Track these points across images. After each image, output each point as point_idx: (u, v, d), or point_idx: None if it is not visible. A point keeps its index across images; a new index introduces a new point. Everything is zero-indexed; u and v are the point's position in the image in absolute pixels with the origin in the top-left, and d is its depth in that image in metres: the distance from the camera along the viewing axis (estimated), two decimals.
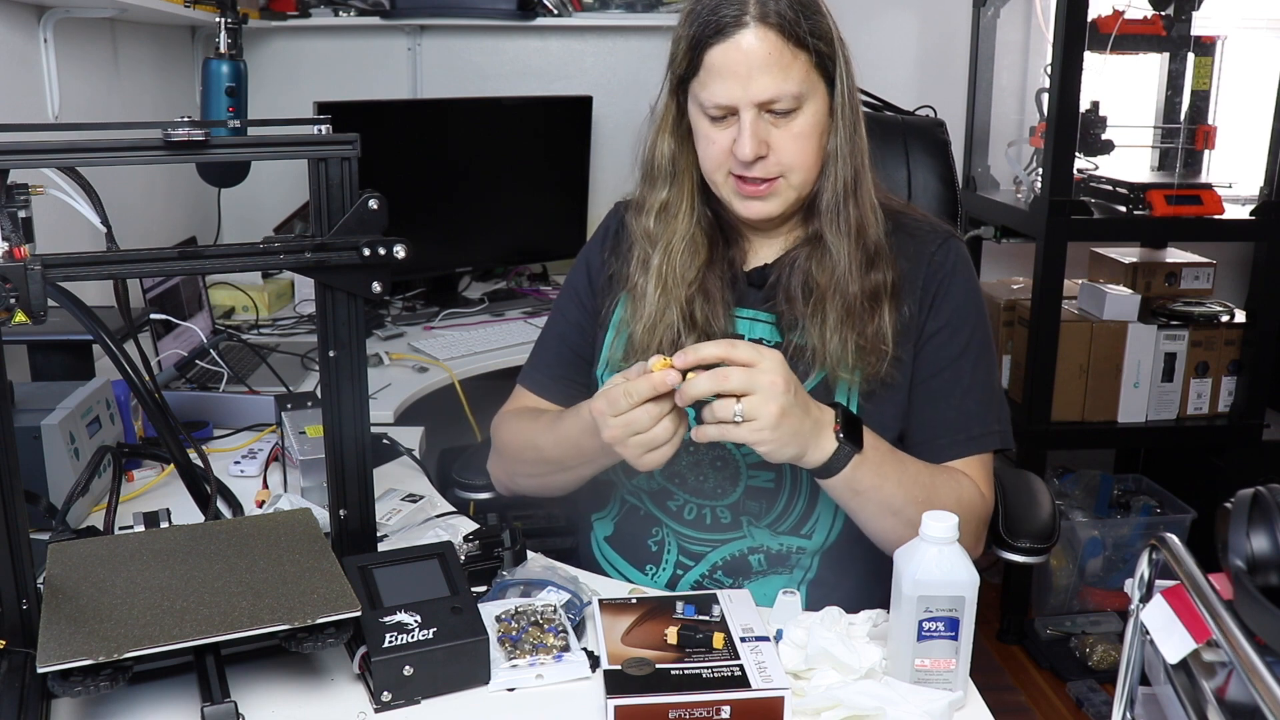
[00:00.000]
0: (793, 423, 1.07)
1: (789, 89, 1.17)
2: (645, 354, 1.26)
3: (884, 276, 1.23)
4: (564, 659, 1.04)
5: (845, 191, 1.22)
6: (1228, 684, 0.86)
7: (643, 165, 1.31)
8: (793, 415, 1.07)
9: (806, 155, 1.21)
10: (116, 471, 1.38)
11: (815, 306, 1.23)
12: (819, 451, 1.11)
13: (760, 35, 1.15)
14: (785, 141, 1.19)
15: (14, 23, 1.83)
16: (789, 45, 1.16)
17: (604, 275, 1.38)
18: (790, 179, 1.22)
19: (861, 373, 1.22)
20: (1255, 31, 2.96)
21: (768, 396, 1.05)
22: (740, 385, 1.05)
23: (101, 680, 0.89)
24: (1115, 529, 2.75)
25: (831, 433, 1.11)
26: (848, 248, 1.22)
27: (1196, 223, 2.59)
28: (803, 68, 1.17)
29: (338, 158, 1.02)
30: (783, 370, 1.06)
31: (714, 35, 1.17)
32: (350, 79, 2.88)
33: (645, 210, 1.30)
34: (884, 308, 1.23)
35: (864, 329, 1.21)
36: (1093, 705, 2.45)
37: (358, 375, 1.09)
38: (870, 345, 1.21)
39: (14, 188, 0.92)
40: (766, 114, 1.18)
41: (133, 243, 1.06)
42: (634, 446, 1.10)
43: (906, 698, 0.96)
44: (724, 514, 1.29)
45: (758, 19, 1.15)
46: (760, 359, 1.06)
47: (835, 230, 1.23)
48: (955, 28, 2.95)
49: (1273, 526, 0.83)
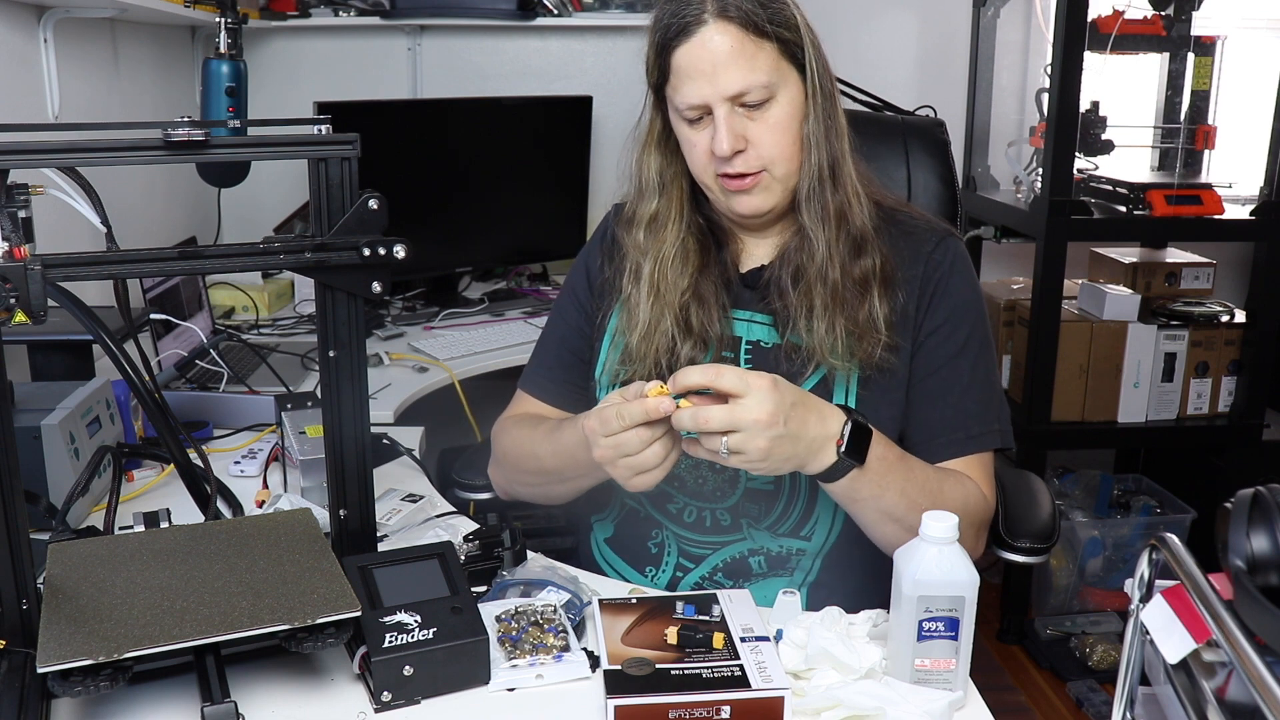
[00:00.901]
0: (783, 451, 1.07)
1: (757, 79, 1.17)
2: (642, 363, 1.26)
3: (872, 262, 1.23)
4: (564, 659, 1.04)
5: (822, 177, 1.22)
6: (1228, 684, 0.86)
7: (631, 180, 1.32)
8: (783, 444, 1.06)
9: (785, 145, 1.21)
10: (116, 471, 1.38)
11: (802, 296, 1.22)
12: (817, 464, 1.11)
13: (721, 29, 1.16)
14: (763, 133, 1.20)
15: (14, 23, 1.83)
16: (751, 36, 1.16)
17: (602, 277, 1.38)
18: (774, 171, 1.22)
19: (857, 359, 1.22)
20: (1255, 31, 2.96)
21: (753, 433, 1.04)
22: (722, 424, 1.04)
23: (101, 680, 0.89)
24: (1115, 529, 2.75)
25: (833, 447, 1.11)
26: (827, 233, 1.22)
27: (1196, 223, 2.59)
28: (769, 57, 1.17)
29: (338, 158, 1.02)
30: (769, 402, 1.04)
31: (676, 36, 1.18)
32: (350, 79, 2.88)
33: (635, 223, 1.30)
34: (874, 293, 1.22)
35: (853, 314, 1.21)
36: (1093, 705, 2.45)
37: (358, 375, 1.09)
38: (861, 331, 1.21)
39: (14, 188, 0.92)
40: (740, 108, 1.19)
41: (133, 243, 1.06)
42: (623, 468, 1.11)
43: (906, 698, 0.96)
44: (724, 516, 1.29)
45: (716, 14, 1.16)
46: (746, 389, 1.04)
47: (813, 216, 1.23)
48: (955, 28, 2.95)
49: (1273, 526, 0.83)
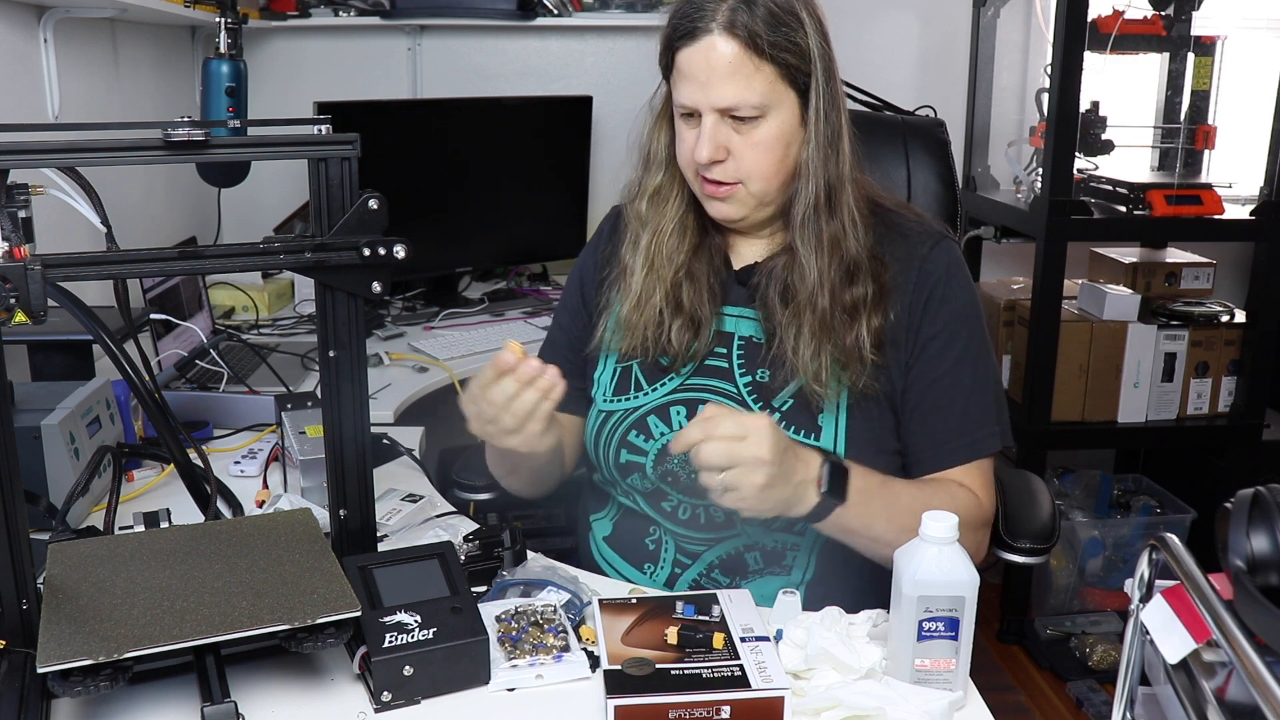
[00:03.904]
0: (776, 492, 1.08)
1: (750, 99, 1.17)
2: (632, 333, 1.29)
3: (864, 290, 1.23)
4: (564, 659, 1.04)
5: (818, 205, 1.22)
6: (1228, 684, 0.86)
7: (640, 151, 1.33)
8: (777, 484, 1.07)
9: (765, 165, 1.21)
10: (116, 471, 1.38)
11: (791, 317, 1.23)
12: (802, 506, 1.13)
13: (724, 43, 1.16)
14: (745, 149, 1.20)
15: (14, 23, 1.83)
16: (751, 56, 1.17)
17: (598, 276, 1.40)
18: (749, 186, 1.23)
19: (844, 384, 1.23)
20: (1255, 31, 2.96)
21: (750, 469, 1.05)
22: (722, 461, 1.06)
23: (101, 680, 0.89)
24: (1115, 529, 2.75)
25: (814, 488, 1.12)
26: (820, 261, 1.22)
27: (1196, 223, 2.59)
28: (766, 79, 1.18)
29: (338, 158, 1.02)
30: (768, 440, 1.05)
31: (682, 37, 1.19)
32: (350, 79, 2.88)
33: (640, 194, 1.32)
34: (863, 319, 1.22)
35: (840, 341, 1.21)
36: (1093, 705, 2.45)
37: (358, 375, 1.09)
38: (848, 358, 1.22)
39: (14, 188, 0.92)
40: (729, 119, 1.19)
41: (133, 243, 1.06)
42: (494, 435, 1.15)
43: (906, 698, 0.96)
44: (717, 512, 1.29)
45: (724, 27, 1.16)
46: (745, 432, 1.06)
47: (806, 243, 1.23)
48: (955, 28, 2.95)
49: (1273, 526, 0.83)
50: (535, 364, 1.10)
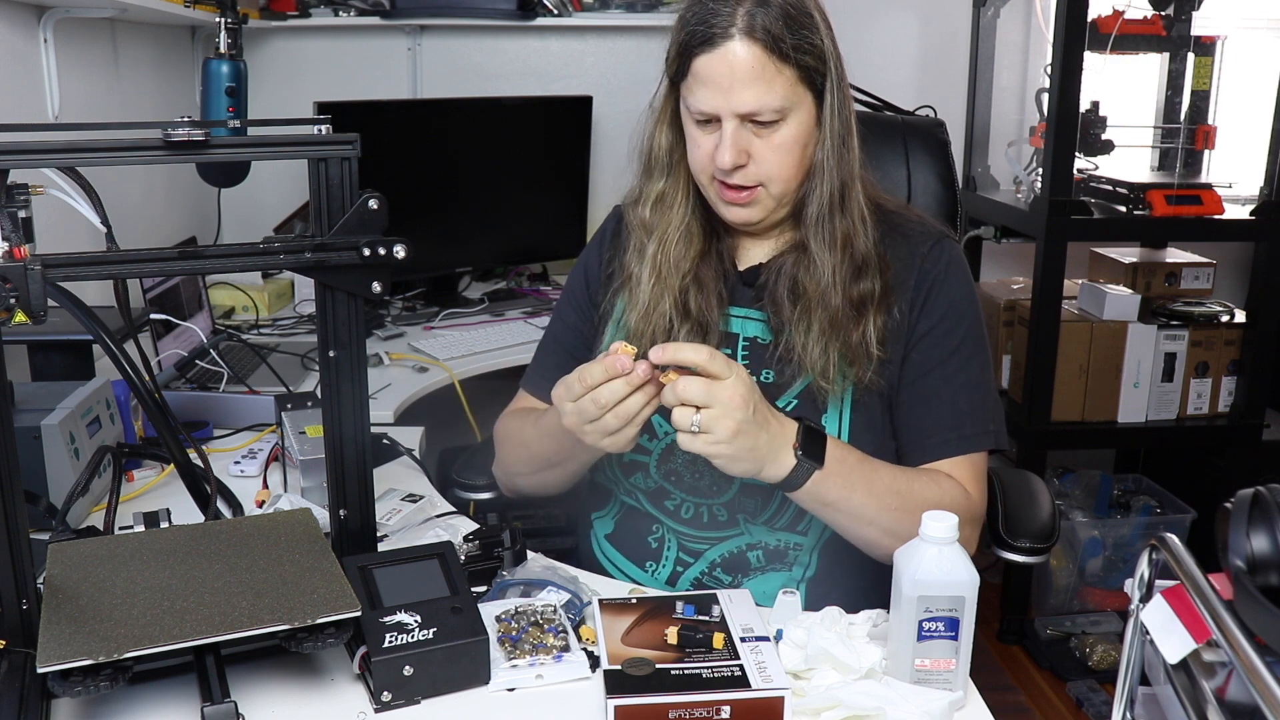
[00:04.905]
0: (747, 439, 1.08)
1: (771, 102, 1.17)
2: (640, 342, 1.27)
3: (871, 286, 1.24)
4: (564, 659, 1.04)
5: (831, 203, 1.23)
6: (1228, 684, 0.86)
7: (641, 156, 1.33)
8: (748, 433, 1.08)
9: (786, 167, 1.22)
10: (116, 471, 1.38)
11: (801, 314, 1.24)
12: (777, 468, 1.12)
13: (745, 48, 1.16)
14: (766, 152, 1.20)
15: (14, 23, 1.83)
16: (773, 59, 1.16)
17: (602, 276, 1.40)
18: (770, 188, 1.23)
19: (850, 380, 1.23)
20: (1255, 31, 2.96)
21: (725, 411, 1.06)
22: (698, 398, 1.06)
23: (101, 680, 0.89)
24: (1115, 529, 2.75)
25: (790, 450, 1.12)
26: (833, 259, 1.23)
27: (1196, 223, 2.59)
28: (787, 82, 1.18)
29: (338, 158, 1.02)
30: (744, 388, 1.07)
31: (701, 44, 1.18)
32: (350, 79, 2.88)
33: (642, 201, 1.32)
34: (869, 316, 1.23)
35: (848, 338, 1.22)
36: (1093, 705, 2.45)
37: (358, 375, 1.09)
38: (854, 354, 1.22)
39: (14, 188, 0.92)
40: (749, 124, 1.19)
41: (133, 243, 1.06)
42: (590, 433, 1.12)
43: (906, 698, 0.96)
44: (720, 512, 1.29)
45: (744, 32, 1.16)
46: (727, 374, 1.07)
47: (820, 241, 1.23)
48: (955, 28, 2.95)
49: (1273, 526, 0.83)
50: (645, 368, 1.09)
